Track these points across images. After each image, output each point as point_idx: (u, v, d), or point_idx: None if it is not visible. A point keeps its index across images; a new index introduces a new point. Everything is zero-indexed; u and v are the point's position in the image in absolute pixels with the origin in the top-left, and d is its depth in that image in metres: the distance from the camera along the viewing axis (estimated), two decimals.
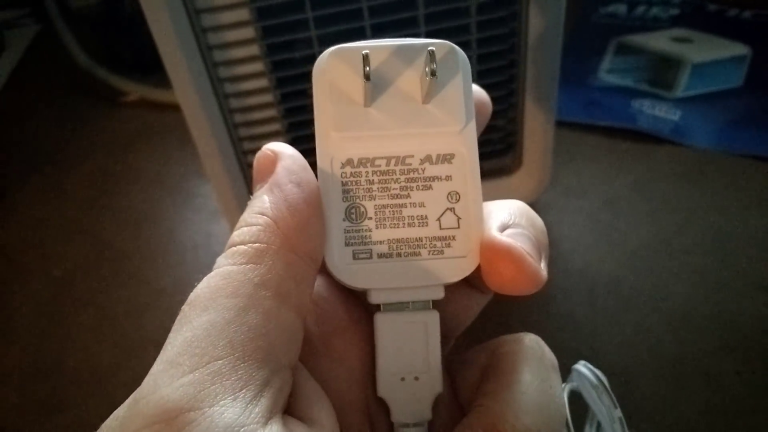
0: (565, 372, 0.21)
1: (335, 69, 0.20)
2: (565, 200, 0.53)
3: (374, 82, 0.19)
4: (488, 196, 0.20)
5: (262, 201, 0.18)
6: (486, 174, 0.48)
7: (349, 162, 0.19)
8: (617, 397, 0.26)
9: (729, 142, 0.56)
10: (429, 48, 0.19)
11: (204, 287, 0.16)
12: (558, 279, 0.48)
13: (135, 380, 0.15)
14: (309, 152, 0.19)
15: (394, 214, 0.19)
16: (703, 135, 0.56)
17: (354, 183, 0.19)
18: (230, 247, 0.17)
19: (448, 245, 0.19)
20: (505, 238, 0.18)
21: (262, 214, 0.17)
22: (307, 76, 0.20)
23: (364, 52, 0.19)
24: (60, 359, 0.48)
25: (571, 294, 0.47)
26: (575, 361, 0.26)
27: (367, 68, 0.19)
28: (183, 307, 0.16)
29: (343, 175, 0.19)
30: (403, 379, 0.19)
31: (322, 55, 0.20)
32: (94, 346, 0.49)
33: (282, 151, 0.19)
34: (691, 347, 0.43)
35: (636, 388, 0.41)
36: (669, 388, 0.41)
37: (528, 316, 0.46)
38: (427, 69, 0.19)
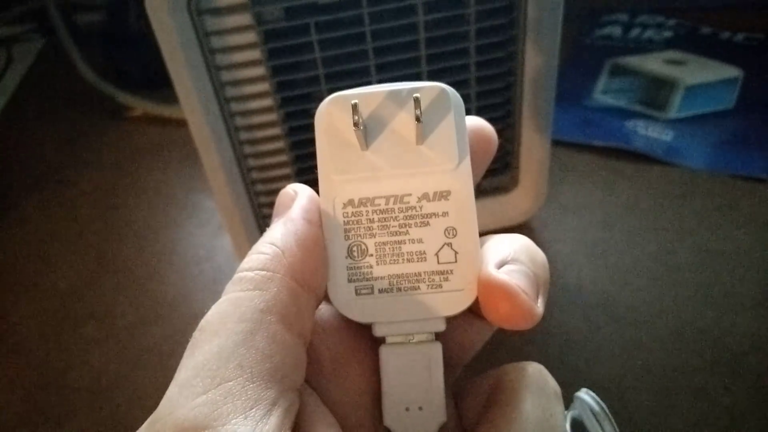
0: (566, 397, 0.21)
1: (333, 116, 0.21)
2: (560, 218, 0.54)
3: (371, 126, 0.21)
4: (485, 214, 0.21)
5: (275, 232, 0.19)
6: (483, 192, 0.50)
7: (350, 202, 0.20)
8: (609, 409, 0.27)
9: (720, 162, 0.57)
10: (414, 95, 0.20)
11: (214, 313, 0.18)
12: (553, 295, 0.49)
13: (138, 392, 0.16)
14: (313, 182, 0.21)
15: (393, 251, 0.20)
16: (695, 155, 0.58)
17: (355, 222, 0.20)
18: (239, 272, 0.18)
19: (446, 279, 0.20)
20: (501, 274, 0.19)
21: (272, 244, 0.19)
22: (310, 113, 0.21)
23: (352, 102, 0.20)
24: (64, 370, 0.49)
25: (565, 310, 0.48)
26: (571, 378, 0.27)
27: (356, 117, 0.20)
28: (194, 333, 0.17)
29: (345, 215, 0.20)
30: (407, 409, 0.20)
31: (322, 103, 0.21)
32: (98, 358, 0.49)
33: (302, 191, 0.20)
34: (681, 363, 0.44)
35: (627, 402, 0.42)
36: (659, 402, 0.42)
37: (522, 331, 0.47)
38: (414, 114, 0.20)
